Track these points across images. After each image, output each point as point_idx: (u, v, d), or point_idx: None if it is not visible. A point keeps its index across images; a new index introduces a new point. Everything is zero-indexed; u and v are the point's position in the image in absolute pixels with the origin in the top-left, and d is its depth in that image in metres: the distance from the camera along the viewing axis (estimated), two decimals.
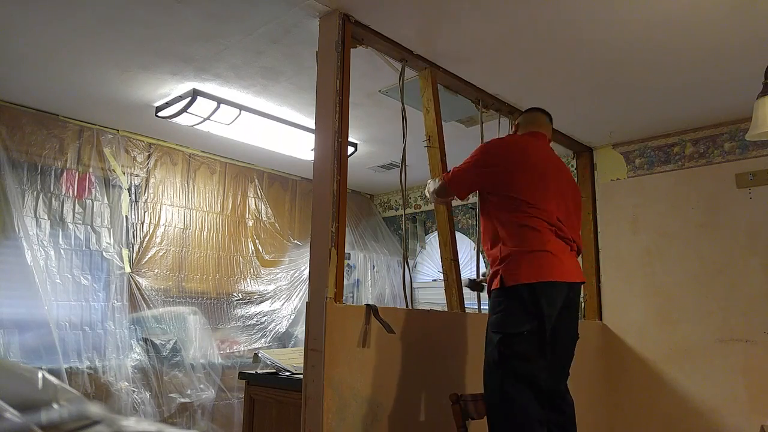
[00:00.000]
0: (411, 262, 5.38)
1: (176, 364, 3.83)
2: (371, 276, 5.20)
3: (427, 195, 2.60)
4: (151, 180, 4.11)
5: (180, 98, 3.39)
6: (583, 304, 4.00)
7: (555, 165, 2.37)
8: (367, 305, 2.28)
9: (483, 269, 3.06)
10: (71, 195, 3.70)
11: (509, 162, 2.27)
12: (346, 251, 4.01)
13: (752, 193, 3.47)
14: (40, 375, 0.99)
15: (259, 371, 3.00)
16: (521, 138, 2.44)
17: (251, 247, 4.61)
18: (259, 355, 3.14)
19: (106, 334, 3.62)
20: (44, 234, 3.52)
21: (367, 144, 4.21)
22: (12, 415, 0.83)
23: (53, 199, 3.62)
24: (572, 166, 4.36)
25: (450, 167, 2.48)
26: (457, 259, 2.83)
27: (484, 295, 2.52)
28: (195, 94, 3.30)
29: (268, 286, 4.60)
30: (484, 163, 2.31)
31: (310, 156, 3.34)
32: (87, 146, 3.83)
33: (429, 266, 5.53)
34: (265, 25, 2.58)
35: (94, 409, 1.02)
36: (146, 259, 3.96)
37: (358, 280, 5.11)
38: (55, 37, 2.74)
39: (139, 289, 3.84)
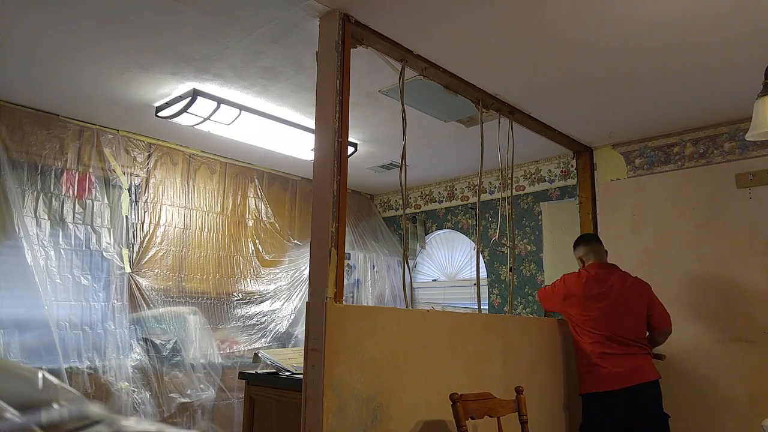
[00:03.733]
0: (411, 262, 5.38)
1: (176, 364, 3.83)
2: (371, 276, 5.20)
3: None
4: (151, 180, 4.11)
5: (180, 98, 3.39)
6: None
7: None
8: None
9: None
10: (71, 195, 3.70)
11: None
12: (346, 251, 4.01)
13: (752, 193, 3.47)
14: (40, 375, 0.99)
15: (259, 371, 3.01)
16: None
17: (251, 247, 4.61)
18: (259, 355, 3.15)
19: (106, 334, 3.62)
20: (44, 234, 3.52)
21: (367, 144, 4.21)
22: (12, 415, 0.83)
23: (53, 199, 3.62)
24: (572, 166, 4.36)
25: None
26: None
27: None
28: (195, 94, 3.30)
29: (268, 286, 4.60)
30: None
31: (310, 156, 3.34)
32: (87, 146, 3.83)
33: (429, 266, 5.53)
34: (265, 25, 2.58)
35: (94, 409, 1.02)
36: (146, 259, 3.96)
37: (358, 280, 5.11)
38: (56, 37, 2.74)
39: (139, 289, 3.84)
